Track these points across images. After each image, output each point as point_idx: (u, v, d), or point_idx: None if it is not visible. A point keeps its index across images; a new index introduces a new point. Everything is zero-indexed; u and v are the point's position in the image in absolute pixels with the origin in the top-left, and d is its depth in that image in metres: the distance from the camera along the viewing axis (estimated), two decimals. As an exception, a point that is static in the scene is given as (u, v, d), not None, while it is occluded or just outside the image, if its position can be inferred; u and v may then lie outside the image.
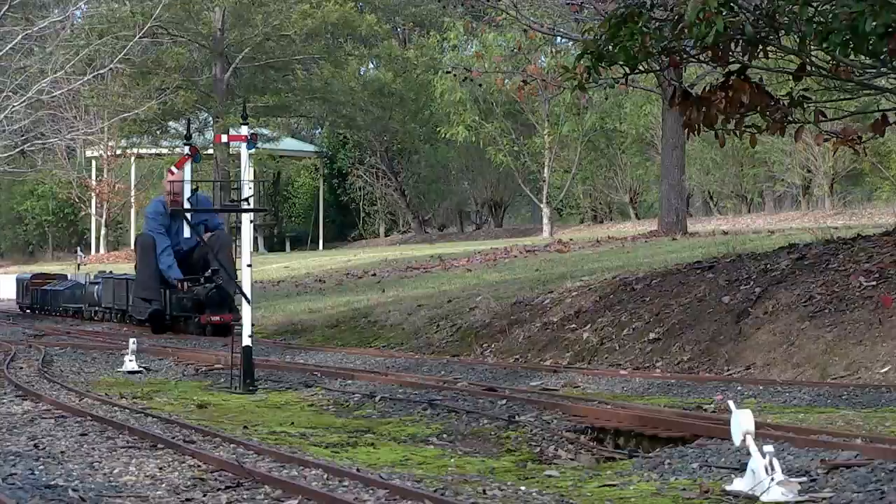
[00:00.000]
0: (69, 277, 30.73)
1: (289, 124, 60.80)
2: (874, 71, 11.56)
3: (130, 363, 13.72)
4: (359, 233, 59.01)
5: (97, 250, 59.83)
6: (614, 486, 6.10)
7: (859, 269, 12.08)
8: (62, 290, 28.41)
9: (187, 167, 11.99)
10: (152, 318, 20.57)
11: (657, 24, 11.18)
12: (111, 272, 26.81)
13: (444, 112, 48.60)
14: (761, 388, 9.99)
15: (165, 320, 20.50)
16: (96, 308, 25.46)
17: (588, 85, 11.98)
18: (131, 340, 14.13)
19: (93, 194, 59.65)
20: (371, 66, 59.18)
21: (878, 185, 44.58)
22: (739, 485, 5.53)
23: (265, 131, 50.92)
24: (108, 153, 57.71)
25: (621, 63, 11.43)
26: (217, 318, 19.20)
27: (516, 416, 8.75)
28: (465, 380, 11.36)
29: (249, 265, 11.98)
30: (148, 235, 20.88)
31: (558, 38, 31.21)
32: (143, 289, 20.87)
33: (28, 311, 31.69)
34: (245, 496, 5.93)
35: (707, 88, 11.34)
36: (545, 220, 44.59)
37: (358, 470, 6.47)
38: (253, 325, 12.00)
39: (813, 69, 11.39)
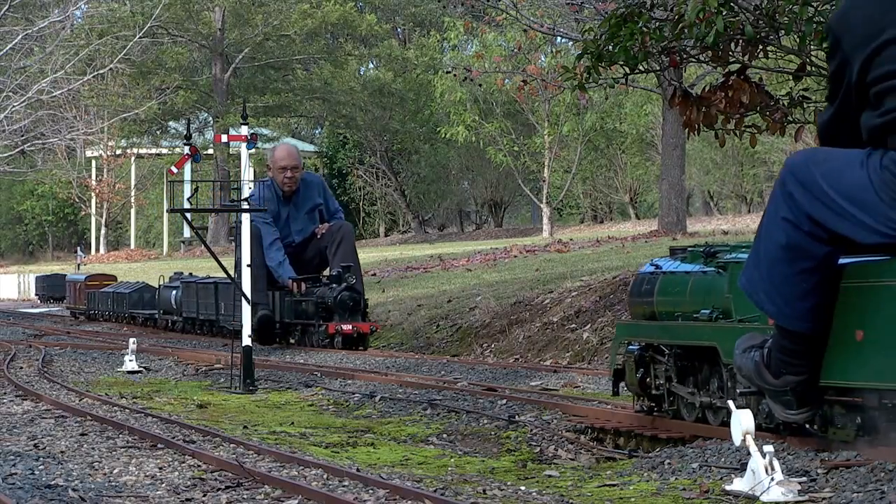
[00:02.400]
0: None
1: (289, 124, 60.83)
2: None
3: (130, 363, 13.73)
4: (359, 233, 59.02)
5: (97, 250, 59.86)
6: (614, 486, 6.10)
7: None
8: (128, 294, 24.69)
9: (187, 167, 11.99)
10: (260, 327, 16.56)
11: (657, 24, 11.18)
12: (190, 273, 23.32)
13: (444, 112, 48.62)
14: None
15: (276, 329, 17.11)
16: (174, 317, 21.83)
17: (588, 85, 11.98)
18: (131, 340, 14.14)
19: (93, 194, 59.69)
20: (371, 66, 59.20)
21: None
22: (739, 485, 5.53)
23: (265, 131, 50.95)
24: (108, 153, 57.74)
25: (621, 63, 11.42)
26: (349, 326, 15.74)
27: (516, 416, 8.75)
28: (465, 380, 11.37)
29: (249, 265, 11.99)
30: (253, 225, 16.68)
31: (558, 38, 31.22)
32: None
33: (82, 316, 28.33)
34: (245, 496, 5.93)
35: (707, 88, 11.34)
36: (545, 220, 44.61)
37: (358, 470, 6.47)
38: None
39: (813, 69, 11.39)
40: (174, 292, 21.54)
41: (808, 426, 6.31)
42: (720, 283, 7.05)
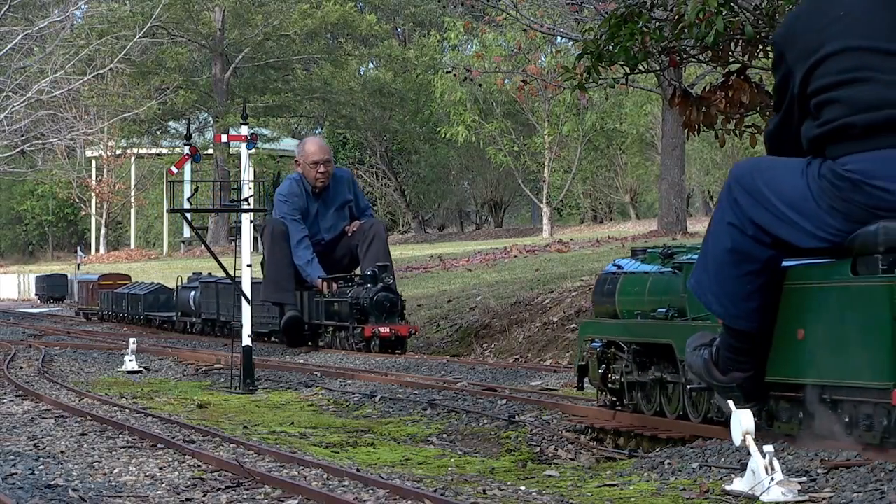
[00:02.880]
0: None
1: (289, 124, 60.81)
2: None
3: (130, 363, 13.73)
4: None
5: (97, 250, 59.86)
6: (614, 486, 6.10)
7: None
8: (143, 295, 23.57)
9: (187, 167, 11.99)
10: (288, 328, 16.13)
11: (657, 24, 11.18)
12: (210, 274, 22.15)
13: (444, 112, 48.61)
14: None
15: (304, 331, 16.30)
16: (192, 319, 21.00)
17: (588, 85, 11.97)
18: (131, 340, 14.14)
19: (93, 194, 59.69)
20: (371, 66, 59.20)
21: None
22: (739, 485, 5.53)
23: (265, 131, 50.94)
24: (108, 153, 57.74)
25: (621, 63, 11.42)
26: (387, 329, 14.89)
27: (516, 416, 8.75)
28: (465, 380, 11.37)
29: (249, 265, 11.99)
30: (279, 221, 16.18)
31: (558, 38, 31.21)
32: (274, 290, 16.19)
33: (94, 317, 27.17)
34: (245, 496, 5.93)
35: (707, 88, 11.33)
36: (545, 220, 44.61)
37: (358, 470, 6.47)
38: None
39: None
40: (193, 293, 20.66)
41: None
42: (676, 283, 7.32)
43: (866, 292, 5.72)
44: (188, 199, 12.05)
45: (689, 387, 6.97)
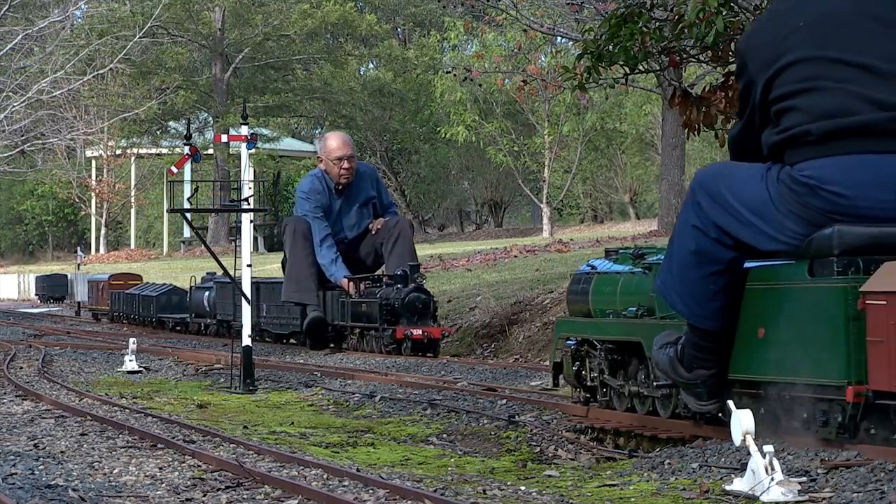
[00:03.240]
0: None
1: (289, 124, 60.79)
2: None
3: (130, 363, 13.74)
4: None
5: (97, 250, 59.85)
6: (614, 486, 6.10)
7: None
8: (156, 297, 22.82)
9: (187, 167, 11.99)
10: (311, 330, 15.57)
11: (657, 24, 11.18)
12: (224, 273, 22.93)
13: (444, 112, 48.59)
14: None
15: (328, 332, 15.71)
16: (207, 320, 20.40)
17: (588, 85, 11.97)
18: (131, 340, 14.15)
19: (93, 194, 59.68)
20: (371, 66, 59.19)
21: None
22: (739, 485, 5.53)
23: (265, 131, 50.92)
24: (108, 153, 57.73)
25: (621, 63, 11.42)
26: (419, 331, 14.38)
27: (516, 416, 8.75)
28: (465, 380, 11.37)
29: (249, 265, 12.00)
30: (302, 219, 15.64)
31: (558, 38, 31.21)
32: (296, 289, 15.56)
33: (104, 318, 26.46)
34: (245, 496, 5.93)
35: (707, 88, 11.33)
36: (545, 220, 44.59)
37: (358, 470, 6.47)
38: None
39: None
40: (207, 294, 19.98)
41: (720, 415, 6.76)
42: (646, 283, 7.56)
43: (822, 293, 5.94)
44: (188, 199, 12.06)
45: (655, 383, 7.26)
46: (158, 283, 24.35)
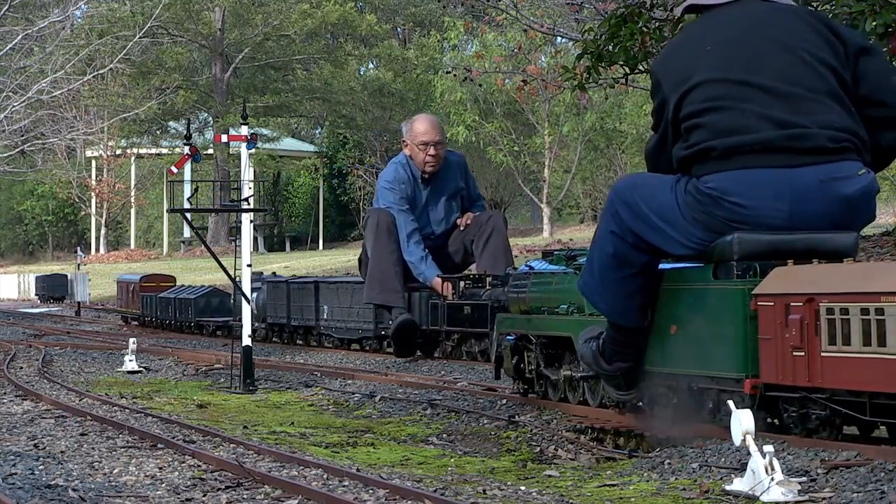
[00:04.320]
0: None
1: (289, 124, 60.83)
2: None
3: (130, 363, 13.74)
4: (359, 233, 59.01)
5: (97, 250, 59.87)
6: (614, 486, 6.10)
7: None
8: (194, 299, 21.20)
9: (187, 167, 12.00)
10: (400, 335, 13.64)
11: (657, 24, 11.18)
12: (274, 273, 20.53)
13: (444, 112, 48.60)
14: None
15: (417, 339, 13.79)
16: (255, 324, 17.87)
17: (588, 85, 11.98)
18: (131, 340, 14.15)
19: (93, 194, 59.69)
20: (371, 66, 59.19)
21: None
22: (739, 485, 5.53)
23: (265, 131, 50.93)
24: (108, 153, 57.74)
25: (621, 63, 11.43)
26: None
27: (516, 416, 8.75)
28: (465, 380, 11.37)
29: (249, 265, 12.00)
30: (386, 212, 13.70)
31: (558, 38, 31.22)
32: (380, 290, 13.69)
33: (135, 322, 24.66)
34: (245, 496, 5.93)
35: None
36: (545, 220, 44.61)
37: (358, 470, 6.47)
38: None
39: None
40: (255, 295, 17.71)
41: (639, 404, 7.45)
42: (576, 283, 8.03)
43: (724, 294, 6.57)
44: (188, 199, 12.06)
45: (578, 374, 8.06)
46: (196, 286, 23.05)
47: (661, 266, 6.99)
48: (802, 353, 6.02)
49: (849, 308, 5.80)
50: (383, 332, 14.53)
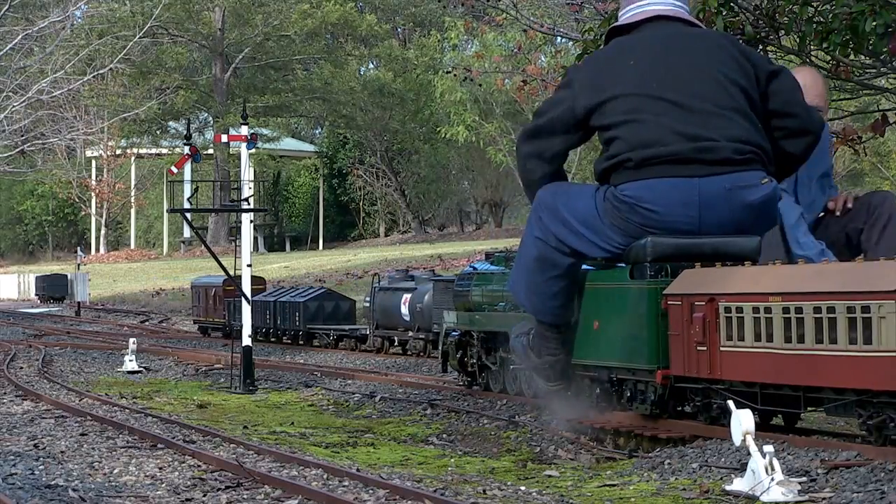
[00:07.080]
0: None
1: (289, 124, 60.78)
2: (874, 71, 11.56)
3: (130, 363, 13.74)
4: (359, 232, 58.99)
5: (97, 250, 59.86)
6: (614, 486, 6.10)
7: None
8: (302, 303, 18.33)
9: (187, 167, 12.00)
10: None
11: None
12: (433, 271, 18.35)
13: (444, 112, 48.58)
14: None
15: None
16: (405, 335, 15.41)
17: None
18: (131, 340, 14.14)
19: (93, 194, 59.66)
20: (371, 66, 59.16)
21: (878, 185, 44.60)
22: (739, 485, 5.53)
23: (265, 131, 50.90)
24: (108, 153, 57.71)
25: (621, 63, 11.40)
26: None
27: (516, 416, 8.75)
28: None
29: (249, 265, 11.99)
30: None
31: (558, 38, 31.21)
32: None
33: (216, 333, 21.09)
34: (245, 496, 5.93)
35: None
36: (545, 220, 44.53)
37: (358, 470, 6.47)
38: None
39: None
40: (408, 297, 15.28)
41: (567, 393, 8.01)
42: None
43: (638, 293, 7.16)
44: (188, 199, 12.06)
45: (510, 367, 8.85)
46: (303, 286, 20.39)
47: (584, 267, 7.60)
48: (705, 348, 6.68)
49: (742, 307, 6.44)
50: None
